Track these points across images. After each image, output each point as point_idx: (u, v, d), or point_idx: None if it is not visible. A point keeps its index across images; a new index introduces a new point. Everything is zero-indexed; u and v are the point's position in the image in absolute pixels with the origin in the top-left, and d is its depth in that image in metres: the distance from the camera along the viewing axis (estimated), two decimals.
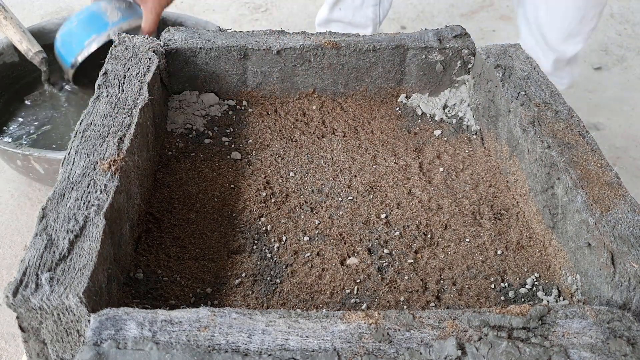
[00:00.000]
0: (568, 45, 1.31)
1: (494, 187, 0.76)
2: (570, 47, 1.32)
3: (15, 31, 1.23)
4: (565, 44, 1.31)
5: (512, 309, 0.47)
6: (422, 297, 0.61)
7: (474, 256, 0.66)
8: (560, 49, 1.32)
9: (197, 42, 0.84)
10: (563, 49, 1.32)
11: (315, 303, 0.60)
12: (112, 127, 0.64)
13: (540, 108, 0.71)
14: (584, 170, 0.62)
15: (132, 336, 0.44)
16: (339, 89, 0.89)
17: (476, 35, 1.96)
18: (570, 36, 1.29)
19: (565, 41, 1.30)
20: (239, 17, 2.05)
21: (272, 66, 0.86)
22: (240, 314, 0.46)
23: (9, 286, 0.47)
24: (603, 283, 0.54)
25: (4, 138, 1.18)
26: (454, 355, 0.43)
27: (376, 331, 0.45)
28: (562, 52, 1.32)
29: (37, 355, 0.50)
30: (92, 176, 0.58)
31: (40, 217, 0.53)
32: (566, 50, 1.32)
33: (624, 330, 0.46)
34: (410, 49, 0.86)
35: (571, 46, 1.31)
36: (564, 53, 1.32)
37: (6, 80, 1.32)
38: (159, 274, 0.61)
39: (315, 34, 0.87)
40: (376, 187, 0.75)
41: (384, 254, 0.65)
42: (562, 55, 1.33)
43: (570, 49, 1.32)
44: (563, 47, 1.32)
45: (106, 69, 0.74)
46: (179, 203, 0.71)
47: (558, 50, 1.32)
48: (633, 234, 0.54)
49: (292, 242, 0.67)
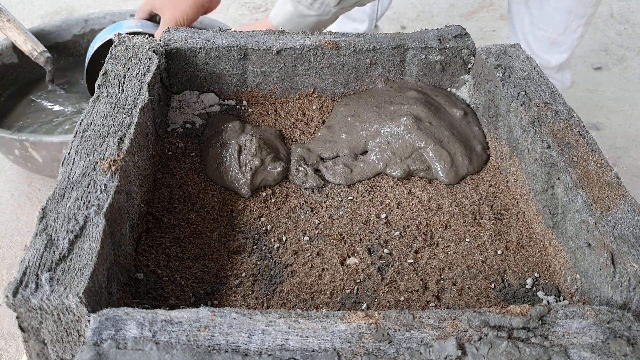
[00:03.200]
0: (552, 54, 1.32)
1: (494, 187, 0.76)
2: (555, 57, 1.32)
3: (19, 32, 1.23)
4: (550, 53, 1.31)
5: (512, 309, 0.47)
6: (422, 297, 0.61)
7: (474, 256, 0.66)
8: (545, 57, 1.32)
9: (197, 42, 0.84)
10: (547, 58, 1.32)
11: (315, 303, 0.60)
12: (112, 127, 0.64)
13: (540, 108, 0.71)
14: (584, 170, 0.62)
15: (132, 336, 0.44)
16: (339, 89, 0.89)
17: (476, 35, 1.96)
18: (554, 45, 1.30)
19: (549, 50, 1.31)
20: (239, 17, 2.05)
21: (272, 66, 0.86)
22: (240, 314, 0.46)
23: (9, 286, 0.47)
24: (603, 283, 0.54)
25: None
26: (454, 355, 0.43)
27: (376, 331, 0.45)
28: (546, 60, 1.33)
29: (37, 355, 0.50)
30: (92, 176, 0.58)
31: (40, 217, 0.53)
32: (550, 60, 1.33)
33: (624, 330, 0.46)
34: (410, 49, 0.86)
35: (556, 55, 1.32)
36: (548, 62, 1.33)
37: (6, 82, 1.32)
38: (159, 274, 0.61)
39: (315, 34, 0.87)
40: (376, 187, 0.75)
41: (384, 254, 0.66)
42: (547, 63, 1.33)
43: (554, 58, 1.32)
44: (547, 57, 1.32)
45: (106, 69, 0.74)
46: (179, 203, 0.71)
47: (543, 58, 1.32)
48: (633, 234, 0.54)
49: (292, 242, 0.67)
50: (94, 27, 1.44)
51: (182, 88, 0.87)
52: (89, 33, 1.44)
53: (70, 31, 1.41)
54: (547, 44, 1.30)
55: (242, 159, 0.75)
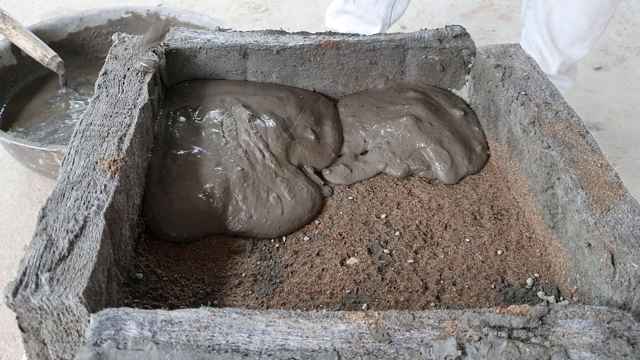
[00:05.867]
0: (575, 49, 1.32)
1: (494, 187, 0.76)
2: (577, 52, 1.32)
3: (27, 39, 1.23)
4: (573, 48, 1.31)
5: (512, 309, 0.47)
6: (422, 297, 0.61)
7: (474, 256, 0.66)
8: (568, 52, 1.32)
9: (197, 42, 0.84)
10: (570, 52, 1.32)
11: (315, 303, 0.60)
12: (112, 127, 0.64)
13: (540, 108, 0.71)
14: (584, 170, 0.62)
15: (132, 336, 0.44)
16: (339, 89, 0.89)
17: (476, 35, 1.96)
18: (578, 41, 1.30)
19: (573, 45, 1.31)
20: (239, 17, 2.05)
21: (272, 66, 0.86)
22: (240, 314, 0.46)
23: (9, 286, 0.47)
24: (603, 283, 0.54)
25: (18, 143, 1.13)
26: (454, 355, 0.43)
27: (376, 331, 0.45)
28: (568, 55, 1.33)
29: (37, 355, 0.49)
30: (92, 176, 0.58)
31: (40, 217, 0.53)
32: (573, 55, 1.33)
33: (624, 330, 0.46)
34: (410, 49, 0.86)
35: (578, 51, 1.32)
36: (570, 57, 1.33)
37: (7, 84, 1.32)
38: (159, 274, 0.61)
39: (315, 34, 0.87)
40: (376, 187, 0.75)
41: (384, 254, 0.65)
42: (568, 59, 1.33)
43: (576, 54, 1.33)
44: (570, 51, 1.32)
45: (106, 69, 0.74)
46: None
47: (565, 54, 1.32)
48: (633, 234, 0.54)
49: (292, 242, 0.67)
50: (89, 25, 1.43)
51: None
52: (84, 31, 1.43)
53: (66, 30, 1.41)
54: (572, 39, 1.30)
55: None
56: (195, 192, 0.68)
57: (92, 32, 1.44)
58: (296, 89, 0.87)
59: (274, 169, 0.71)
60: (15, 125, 1.24)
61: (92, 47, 1.45)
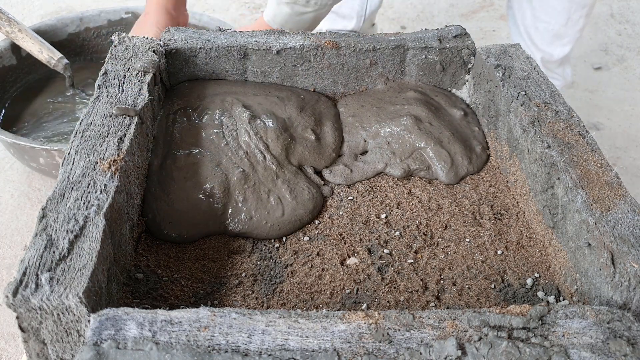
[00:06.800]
0: (555, 47, 1.32)
1: (494, 187, 0.76)
2: (558, 49, 1.32)
3: (33, 42, 1.23)
4: (552, 45, 1.32)
5: (512, 309, 0.47)
6: (422, 297, 0.61)
7: (474, 256, 0.66)
8: (547, 50, 1.32)
9: (197, 42, 0.84)
10: (550, 50, 1.32)
11: (315, 303, 0.60)
12: (112, 127, 0.64)
13: (540, 108, 0.71)
14: (584, 170, 0.62)
15: (132, 336, 0.44)
16: (339, 89, 0.89)
17: (476, 35, 1.96)
18: (556, 38, 1.30)
19: (551, 43, 1.31)
20: (239, 17, 2.05)
21: (272, 66, 0.86)
22: (240, 314, 0.46)
23: (9, 286, 0.47)
24: (603, 283, 0.54)
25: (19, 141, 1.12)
26: (454, 355, 0.43)
27: (376, 331, 0.45)
28: (549, 53, 1.33)
29: (37, 355, 0.49)
30: (92, 176, 0.58)
31: (40, 217, 0.53)
32: (553, 52, 1.33)
33: (624, 330, 0.46)
34: (410, 49, 0.86)
35: (558, 48, 1.32)
36: (551, 55, 1.33)
37: (7, 84, 1.32)
38: (159, 274, 0.61)
39: (315, 34, 0.87)
40: (376, 187, 0.75)
41: (384, 254, 0.65)
42: (550, 56, 1.33)
43: (557, 51, 1.33)
44: (550, 49, 1.32)
45: (106, 69, 0.74)
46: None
47: (545, 52, 1.32)
48: (633, 234, 0.54)
49: (292, 242, 0.67)
50: (88, 25, 1.43)
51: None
52: (84, 31, 1.43)
53: (66, 30, 1.41)
54: (549, 37, 1.30)
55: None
56: (196, 192, 0.67)
57: (92, 32, 1.44)
58: (298, 89, 0.87)
59: (275, 170, 0.71)
60: (18, 125, 1.24)
61: (92, 48, 1.45)
